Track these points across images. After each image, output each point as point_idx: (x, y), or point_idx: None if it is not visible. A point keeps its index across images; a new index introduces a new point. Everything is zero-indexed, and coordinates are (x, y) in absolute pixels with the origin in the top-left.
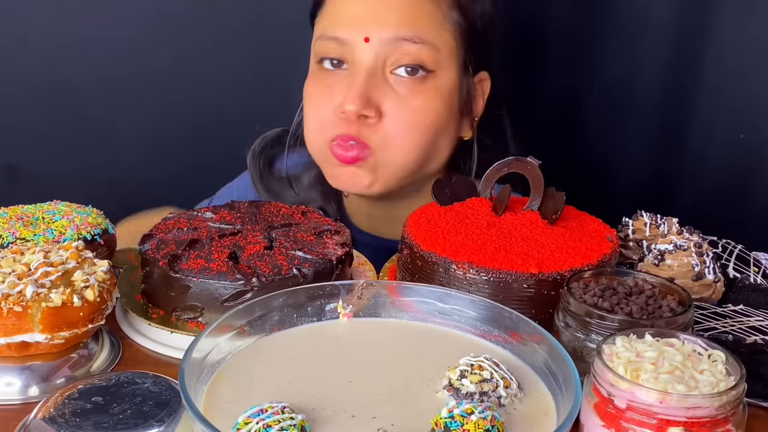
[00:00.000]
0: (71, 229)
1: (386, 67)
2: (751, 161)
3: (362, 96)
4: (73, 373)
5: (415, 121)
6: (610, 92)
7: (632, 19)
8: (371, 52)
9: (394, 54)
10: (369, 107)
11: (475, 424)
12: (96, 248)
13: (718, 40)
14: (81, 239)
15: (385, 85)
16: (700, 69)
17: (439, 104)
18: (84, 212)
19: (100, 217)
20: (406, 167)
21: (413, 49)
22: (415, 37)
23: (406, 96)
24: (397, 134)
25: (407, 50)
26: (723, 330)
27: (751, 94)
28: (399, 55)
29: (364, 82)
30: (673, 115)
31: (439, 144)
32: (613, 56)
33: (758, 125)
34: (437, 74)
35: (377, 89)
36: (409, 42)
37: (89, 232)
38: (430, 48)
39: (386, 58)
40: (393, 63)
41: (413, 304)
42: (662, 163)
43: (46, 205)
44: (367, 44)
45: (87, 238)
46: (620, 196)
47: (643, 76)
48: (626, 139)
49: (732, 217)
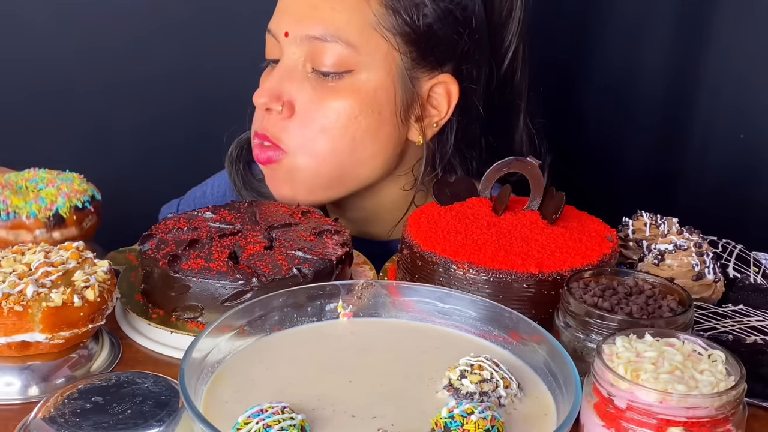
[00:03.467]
0: (61, 197)
1: (306, 64)
2: (751, 161)
3: (271, 89)
4: (73, 373)
5: (326, 124)
6: (609, 92)
7: (632, 19)
8: (291, 47)
9: (311, 52)
10: (277, 101)
11: (475, 424)
12: (86, 215)
13: (719, 40)
14: (72, 207)
15: (304, 83)
16: (701, 69)
17: (356, 106)
18: (67, 179)
19: (84, 183)
20: (323, 173)
21: (326, 48)
22: (328, 36)
23: (321, 96)
24: (309, 137)
25: (321, 48)
26: (723, 330)
27: (752, 94)
28: (315, 53)
29: (279, 76)
30: (674, 116)
31: (360, 150)
32: (612, 56)
33: (758, 125)
34: (356, 74)
35: (292, 85)
36: (321, 40)
37: (79, 199)
38: (345, 46)
39: (305, 55)
40: (311, 61)
41: (413, 304)
42: (662, 163)
43: (27, 173)
44: (287, 39)
45: (78, 206)
46: (620, 196)
47: (643, 76)
48: (626, 139)
49: (732, 217)
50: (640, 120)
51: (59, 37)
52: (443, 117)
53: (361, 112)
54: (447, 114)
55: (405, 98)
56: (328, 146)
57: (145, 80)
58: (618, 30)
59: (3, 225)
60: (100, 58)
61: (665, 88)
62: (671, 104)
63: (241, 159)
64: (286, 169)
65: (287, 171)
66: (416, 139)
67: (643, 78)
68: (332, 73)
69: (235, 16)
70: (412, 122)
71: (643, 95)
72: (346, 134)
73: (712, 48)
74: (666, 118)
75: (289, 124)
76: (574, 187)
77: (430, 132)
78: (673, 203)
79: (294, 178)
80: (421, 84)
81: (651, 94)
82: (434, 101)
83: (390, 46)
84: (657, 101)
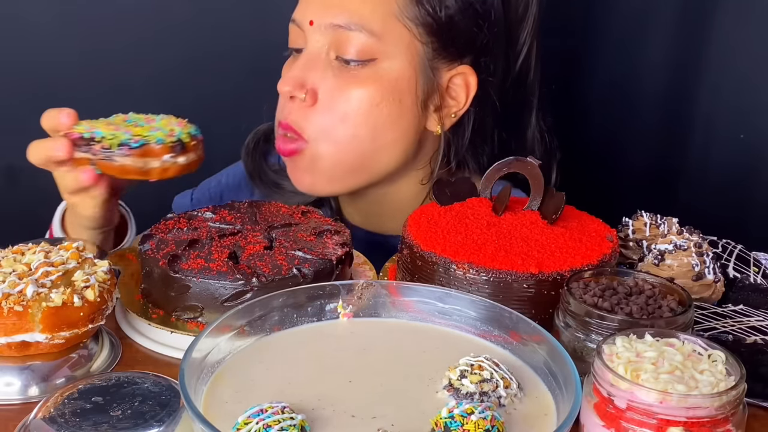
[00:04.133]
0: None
1: (330, 52)
2: (751, 161)
3: (296, 77)
4: (73, 373)
5: (348, 111)
6: (610, 92)
7: (633, 19)
8: (315, 35)
9: (336, 40)
10: (300, 89)
11: (475, 424)
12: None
13: (719, 40)
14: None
15: (327, 71)
16: (701, 69)
17: (378, 94)
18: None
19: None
20: (343, 163)
21: (351, 36)
22: (352, 24)
23: (344, 83)
24: (331, 125)
25: (347, 37)
26: (723, 330)
27: (752, 94)
28: (339, 41)
29: (302, 64)
30: (674, 116)
31: (381, 137)
32: (613, 57)
33: (758, 125)
34: (379, 63)
35: (315, 73)
36: (345, 29)
37: (189, 129)
38: (369, 36)
39: (329, 43)
40: (335, 49)
41: (413, 304)
42: (662, 162)
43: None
44: (312, 28)
45: (192, 133)
46: (620, 196)
47: (644, 76)
48: (626, 139)
49: (732, 217)
50: (641, 120)
51: (62, 39)
52: (461, 108)
53: (383, 100)
54: (465, 105)
55: (425, 88)
56: (350, 133)
57: (149, 81)
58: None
59: (133, 152)
60: (103, 59)
61: (666, 88)
62: (672, 104)
63: (258, 149)
64: (308, 158)
65: (309, 160)
66: (435, 128)
67: (644, 78)
68: (355, 61)
69: (237, 18)
70: (431, 112)
71: (644, 95)
72: (368, 122)
73: (713, 48)
74: (666, 117)
75: (312, 111)
76: (574, 185)
77: (448, 122)
78: (673, 202)
79: (315, 167)
80: (441, 74)
81: (651, 94)
82: (453, 92)
83: (412, 36)
84: (657, 101)
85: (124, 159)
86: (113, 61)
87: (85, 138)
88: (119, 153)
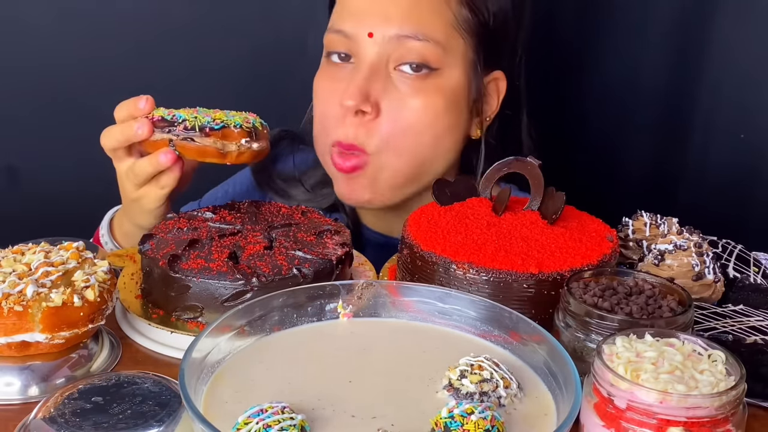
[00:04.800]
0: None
1: (390, 63)
2: (752, 161)
3: (361, 91)
4: (73, 373)
5: (413, 121)
6: (610, 92)
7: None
8: (374, 47)
9: (398, 51)
10: (367, 103)
11: (475, 424)
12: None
13: (720, 40)
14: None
15: (388, 82)
16: (701, 68)
17: (440, 104)
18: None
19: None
20: (404, 172)
21: (417, 47)
22: (419, 35)
23: (407, 94)
24: (395, 135)
25: (411, 47)
26: (723, 330)
27: (752, 93)
28: (402, 52)
29: (365, 77)
30: (674, 116)
31: (441, 145)
32: (613, 56)
33: (758, 125)
34: (441, 72)
35: (378, 85)
36: (413, 39)
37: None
38: (435, 46)
39: (390, 54)
40: (396, 60)
41: (413, 304)
42: (662, 163)
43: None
44: (371, 39)
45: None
46: (620, 196)
47: (644, 76)
48: (626, 139)
49: (732, 217)
50: (641, 120)
51: (62, 42)
52: (494, 111)
53: (445, 110)
54: (496, 108)
55: (475, 95)
56: (413, 143)
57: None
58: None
59: (215, 134)
60: (103, 62)
61: (666, 88)
62: (672, 104)
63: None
64: (370, 173)
65: (371, 175)
66: (475, 133)
67: (644, 78)
68: (418, 72)
69: (239, 21)
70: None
71: (644, 95)
72: (430, 132)
73: (714, 48)
74: (666, 118)
75: (375, 124)
76: (574, 186)
77: (485, 126)
78: (673, 202)
79: (376, 180)
80: (482, 81)
81: (651, 94)
82: (488, 97)
83: (466, 45)
84: (657, 101)
85: (204, 140)
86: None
87: (167, 120)
88: (200, 134)
